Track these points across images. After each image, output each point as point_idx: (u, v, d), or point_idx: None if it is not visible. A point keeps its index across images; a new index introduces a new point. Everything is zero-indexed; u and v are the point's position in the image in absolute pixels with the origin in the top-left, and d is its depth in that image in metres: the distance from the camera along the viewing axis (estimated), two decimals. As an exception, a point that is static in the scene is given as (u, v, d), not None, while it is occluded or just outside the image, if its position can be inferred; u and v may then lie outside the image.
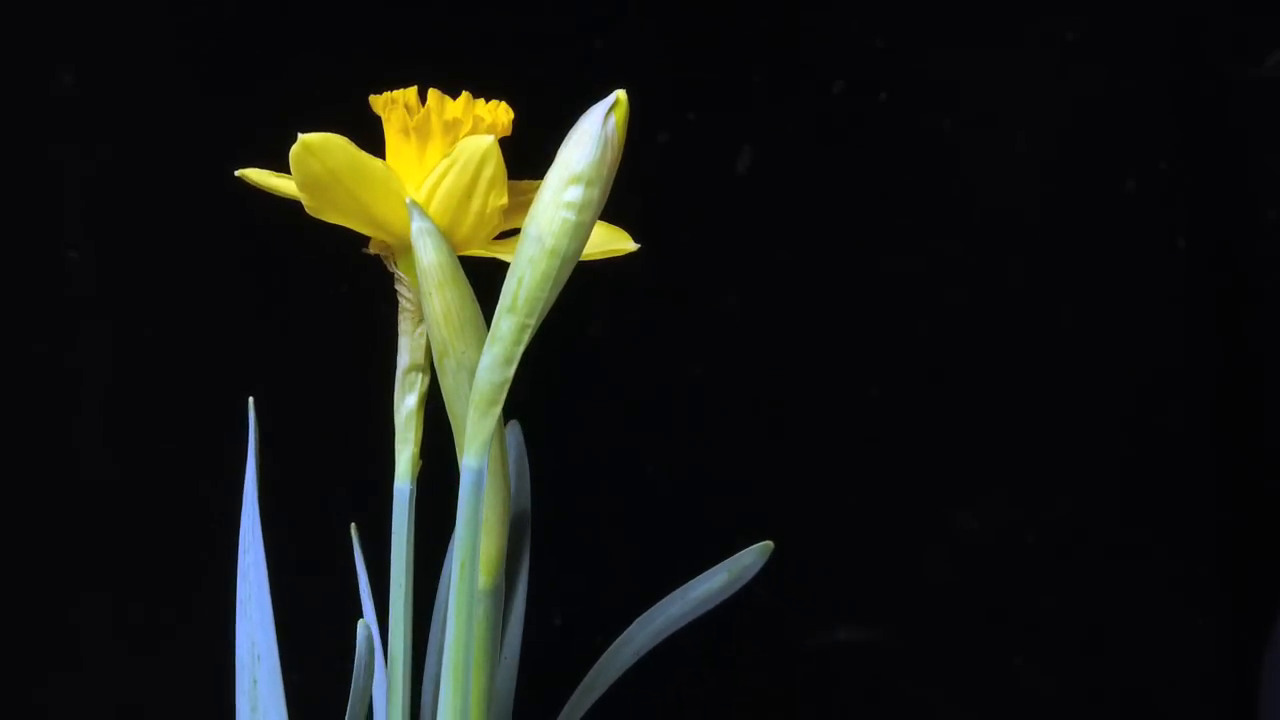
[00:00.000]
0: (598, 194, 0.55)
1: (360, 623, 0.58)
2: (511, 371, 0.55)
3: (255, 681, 0.60)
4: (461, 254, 0.58)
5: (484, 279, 0.58)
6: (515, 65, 0.97)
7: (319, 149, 0.56)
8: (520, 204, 0.59)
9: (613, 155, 0.55)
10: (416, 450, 0.59)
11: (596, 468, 0.99)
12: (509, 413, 0.59)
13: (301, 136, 0.56)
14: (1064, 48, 1.00)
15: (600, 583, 1.02)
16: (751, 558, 0.62)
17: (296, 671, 0.61)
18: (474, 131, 0.58)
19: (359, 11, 0.97)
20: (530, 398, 0.60)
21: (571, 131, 0.55)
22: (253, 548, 0.60)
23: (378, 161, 0.58)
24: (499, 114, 0.59)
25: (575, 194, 0.55)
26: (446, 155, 0.57)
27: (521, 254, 0.55)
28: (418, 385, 0.59)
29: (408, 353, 0.59)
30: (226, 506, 0.96)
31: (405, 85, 0.59)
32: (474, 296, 0.57)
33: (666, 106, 0.99)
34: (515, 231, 0.60)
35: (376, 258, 0.60)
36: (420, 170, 0.58)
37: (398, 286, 0.59)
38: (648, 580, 1.03)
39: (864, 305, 1.02)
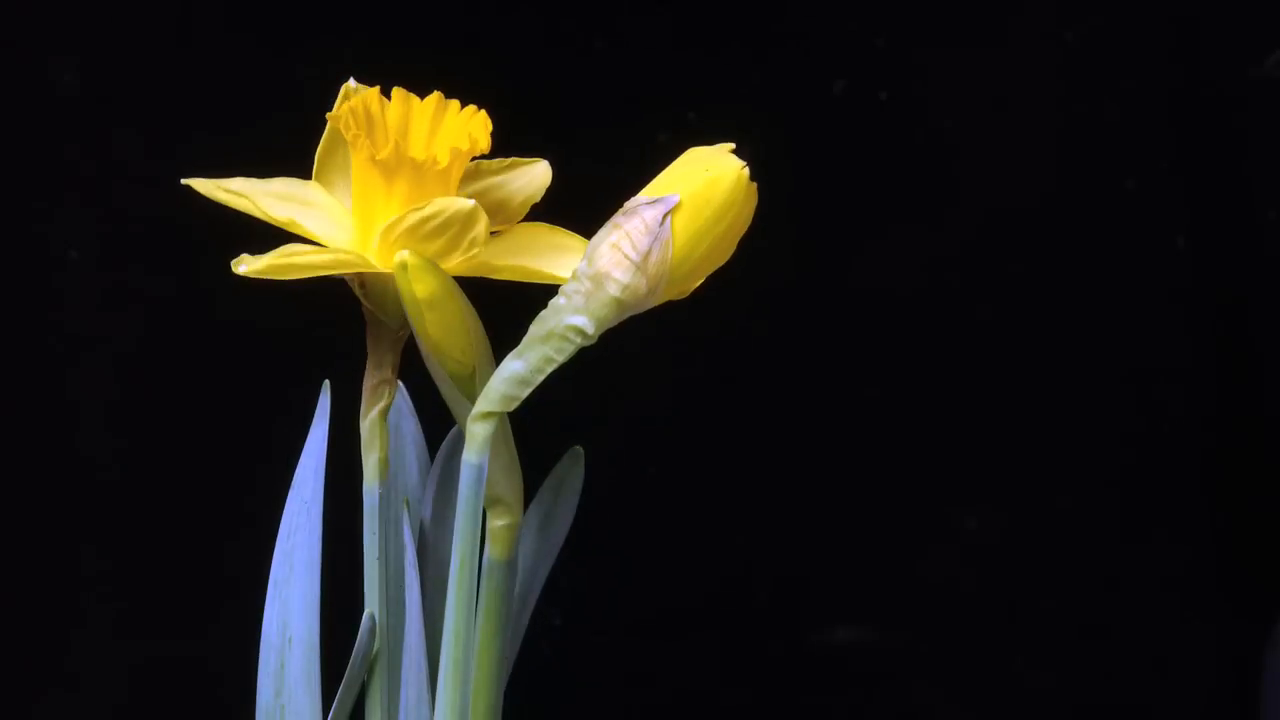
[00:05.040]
0: (644, 283, 0.55)
1: (367, 613, 0.59)
2: (526, 393, 0.56)
3: (284, 665, 0.60)
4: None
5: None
6: (515, 65, 0.97)
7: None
8: (495, 196, 0.59)
9: (665, 254, 0.55)
10: (383, 454, 0.60)
11: (597, 468, 0.99)
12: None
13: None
14: (1064, 48, 1.00)
15: (600, 583, 1.02)
16: (567, 466, 0.62)
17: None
18: (453, 165, 0.57)
19: (358, 10, 0.97)
20: (530, 400, 0.60)
21: (633, 207, 0.55)
22: (304, 528, 0.60)
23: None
24: (476, 131, 0.58)
25: (623, 274, 0.55)
26: (418, 184, 0.57)
27: (568, 300, 0.56)
28: (385, 398, 0.60)
29: (376, 368, 0.60)
30: (223, 501, 0.97)
31: (403, 82, 0.59)
32: (467, 311, 0.57)
33: (667, 106, 0.99)
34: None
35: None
36: (388, 199, 0.57)
37: (366, 305, 0.59)
38: (647, 580, 1.03)
39: (863, 304, 1.02)
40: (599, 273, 0.55)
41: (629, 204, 0.56)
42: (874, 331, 1.02)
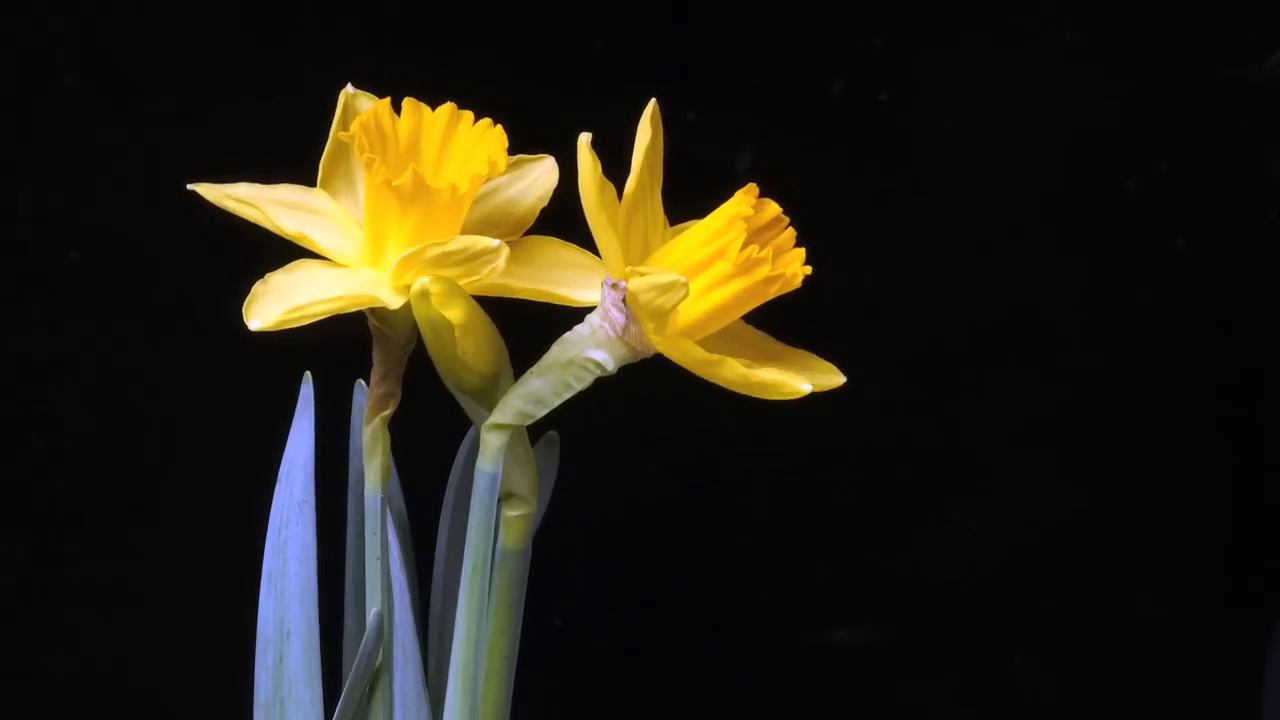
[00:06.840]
0: (635, 345, 0.57)
1: (374, 611, 0.59)
2: (543, 413, 0.57)
3: (282, 659, 0.59)
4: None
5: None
6: (516, 65, 0.97)
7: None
8: (502, 198, 0.59)
9: (640, 328, 0.57)
10: (385, 460, 0.60)
11: (596, 468, 0.99)
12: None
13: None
14: (1064, 48, 1.00)
15: (600, 583, 1.02)
16: (542, 452, 0.62)
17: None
18: (469, 193, 0.57)
19: (359, 11, 0.97)
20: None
21: (607, 281, 0.56)
22: (296, 521, 0.60)
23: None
24: (494, 151, 0.58)
25: (622, 334, 0.57)
26: (433, 208, 0.57)
27: (591, 333, 0.57)
28: (389, 407, 0.60)
29: (382, 379, 0.60)
30: (217, 499, 0.97)
31: (402, 81, 0.59)
32: (491, 327, 0.57)
33: (666, 106, 0.99)
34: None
35: None
36: (402, 220, 0.57)
37: (373, 322, 0.59)
38: (648, 580, 1.03)
39: (862, 304, 1.02)
40: (608, 325, 0.56)
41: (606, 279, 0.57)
42: (874, 331, 1.02)
